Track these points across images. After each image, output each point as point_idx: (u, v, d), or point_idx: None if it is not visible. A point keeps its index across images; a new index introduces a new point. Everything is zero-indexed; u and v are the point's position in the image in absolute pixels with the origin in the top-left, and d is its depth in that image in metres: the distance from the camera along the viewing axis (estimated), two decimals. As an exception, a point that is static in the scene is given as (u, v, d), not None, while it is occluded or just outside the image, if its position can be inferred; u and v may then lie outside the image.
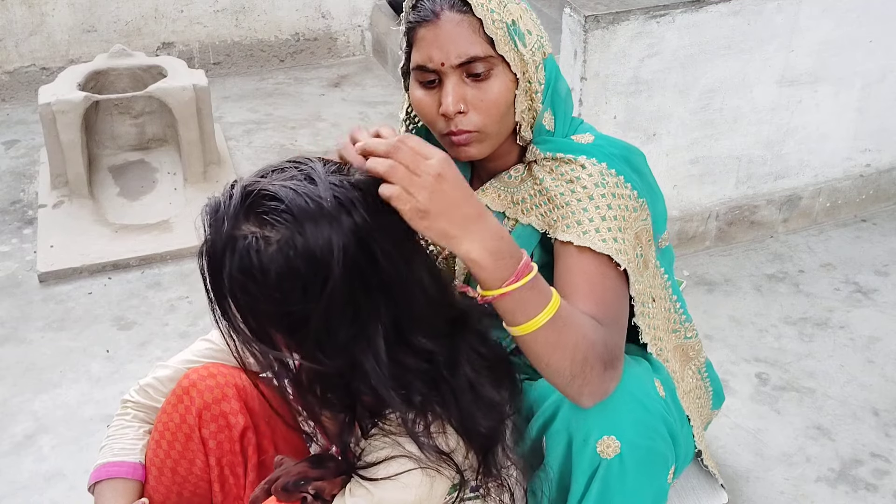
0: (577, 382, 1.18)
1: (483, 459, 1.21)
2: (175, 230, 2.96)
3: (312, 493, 1.21)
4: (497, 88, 1.30)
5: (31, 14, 3.99)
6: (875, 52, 2.78)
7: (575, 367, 1.16)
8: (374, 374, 1.11)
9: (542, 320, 1.13)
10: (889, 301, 2.62)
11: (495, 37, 1.27)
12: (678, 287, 1.58)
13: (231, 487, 1.40)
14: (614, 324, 1.25)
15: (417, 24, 1.30)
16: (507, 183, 1.41)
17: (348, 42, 4.55)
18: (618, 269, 1.29)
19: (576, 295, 1.25)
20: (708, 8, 2.45)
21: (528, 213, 1.37)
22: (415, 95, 1.34)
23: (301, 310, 1.07)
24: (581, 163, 1.33)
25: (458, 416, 1.17)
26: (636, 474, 1.29)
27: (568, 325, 1.16)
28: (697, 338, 1.63)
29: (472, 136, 1.32)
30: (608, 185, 1.31)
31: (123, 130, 3.32)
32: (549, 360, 1.16)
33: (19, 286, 2.73)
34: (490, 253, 1.10)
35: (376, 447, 1.18)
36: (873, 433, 2.13)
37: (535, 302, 1.13)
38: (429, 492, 1.17)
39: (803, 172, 2.90)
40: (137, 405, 1.46)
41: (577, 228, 1.29)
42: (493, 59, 1.28)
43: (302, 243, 1.05)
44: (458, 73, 1.29)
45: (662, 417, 1.33)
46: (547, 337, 1.14)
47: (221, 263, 1.07)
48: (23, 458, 2.08)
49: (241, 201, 1.07)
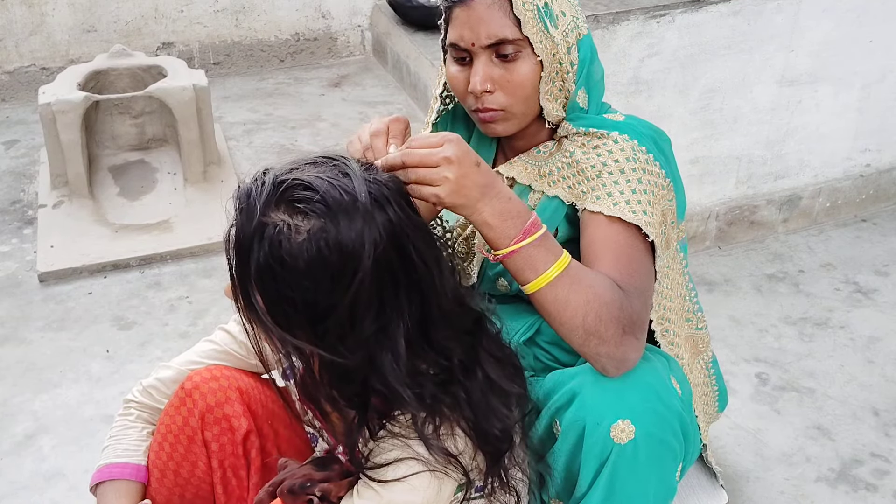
0: (592, 341, 1.21)
1: (493, 461, 1.21)
2: (175, 230, 2.95)
3: (318, 496, 1.21)
4: (524, 70, 1.34)
5: (31, 14, 3.99)
6: (875, 53, 2.78)
7: (588, 325, 1.20)
8: (391, 370, 1.11)
9: (550, 275, 1.19)
10: (889, 301, 2.63)
11: (523, 18, 1.31)
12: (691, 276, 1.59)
13: (234, 490, 1.40)
14: (638, 291, 1.28)
15: (453, 3, 1.36)
16: (535, 157, 1.45)
17: (348, 42, 4.55)
18: (646, 240, 1.33)
19: (601, 261, 1.29)
20: (708, 8, 2.45)
21: (556, 186, 1.41)
22: (449, 71, 1.40)
23: (327, 301, 1.07)
24: (614, 138, 1.37)
25: (472, 417, 1.17)
26: (647, 464, 1.29)
27: (578, 282, 1.21)
28: (707, 330, 1.65)
29: (497, 115, 1.38)
30: (639, 160, 1.35)
31: (123, 130, 3.32)
32: (561, 317, 1.21)
33: (19, 286, 2.73)
34: (499, 213, 1.19)
35: (384, 449, 1.18)
36: (873, 433, 2.14)
37: (543, 259, 1.20)
38: (436, 494, 1.17)
39: (803, 172, 2.90)
40: (141, 405, 1.46)
41: (607, 200, 1.33)
42: (522, 42, 1.33)
43: (334, 234, 1.05)
44: (487, 53, 1.34)
45: (677, 413, 1.34)
46: (557, 293, 1.20)
47: (250, 248, 1.07)
48: (23, 458, 2.08)
49: (274, 189, 1.07)
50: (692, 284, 1.59)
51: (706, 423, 1.63)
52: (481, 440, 1.18)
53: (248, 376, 1.44)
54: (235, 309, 1.13)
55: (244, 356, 1.44)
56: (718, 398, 1.70)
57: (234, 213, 1.09)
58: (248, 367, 1.45)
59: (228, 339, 1.45)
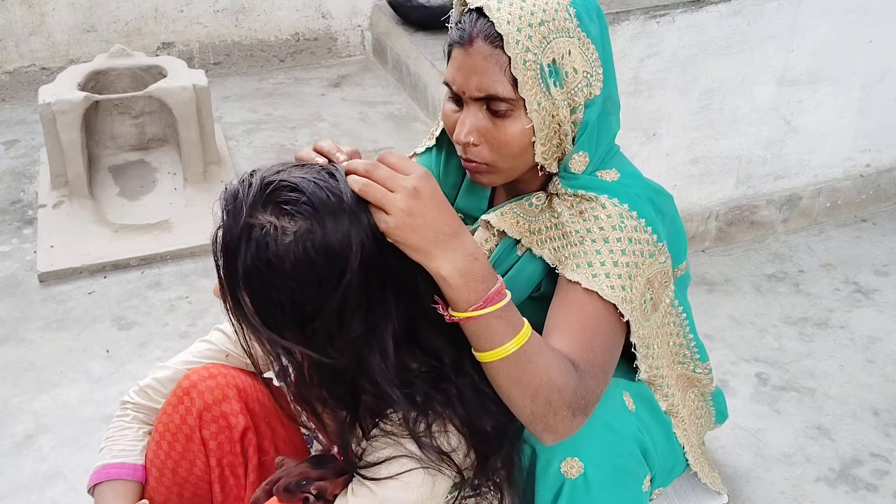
0: (538, 423, 1.16)
1: (483, 459, 1.21)
2: (175, 230, 2.95)
3: (314, 494, 1.21)
4: (512, 130, 1.25)
5: (31, 14, 3.99)
6: (875, 53, 2.78)
7: (537, 408, 1.14)
8: (380, 371, 1.11)
9: (504, 352, 1.12)
10: (889, 301, 2.62)
11: (520, 78, 1.21)
12: (693, 323, 1.53)
13: (231, 488, 1.40)
14: (596, 371, 1.21)
15: (454, 43, 1.26)
16: (527, 210, 1.35)
17: (348, 42, 4.55)
18: (620, 318, 1.26)
19: (564, 333, 1.22)
20: (708, 8, 2.45)
21: (542, 245, 1.33)
22: (444, 107, 1.32)
23: (315, 302, 1.07)
24: (602, 202, 1.28)
25: (463, 414, 1.17)
26: (602, 491, 1.28)
27: (533, 363, 1.14)
28: (709, 375, 1.58)
29: (481, 167, 1.30)
30: (626, 228, 1.27)
31: (123, 130, 3.32)
32: (509, 394, 1.15)
33: (19, 286, 2.73)
34: (461, 273, 1.10)
35: (377, 447, 1.18)
36: (873, 433, 2.13)
37: (501, 332, 1.12)
38: (431, 491, 1.18)
39: (803, 172, 2.90)
40: (137, 406, 1.46)
41: (587, 270, 1.25)
42: (515, 101, 1.23)
43: (321, 236, 1.05)
44: (478, 104, 1.25)
45: (632, 434, 1.32)
46: (508, 371, 1.13)
47: (237, 250, 1.07)
48: (23, 458, 2.08)
49: (261, 190, 1.07)
50: (693, 335, 1.52)
51: (698, 443, 1.61)
52: (474, 438, 1.18)
53: (245, 375, 1.44)
54: (224, 310, 1.13)
55: (240, 355, 1.44)
56: (715, 416, 1.68)
57: (220, 214, 1.09)
58: (245, 367, 1.45)
59: (224, 339, 1.46)
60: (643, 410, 1.40)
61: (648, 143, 2.58)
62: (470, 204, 1.47)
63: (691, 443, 1.55)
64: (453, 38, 1.27)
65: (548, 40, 1.22)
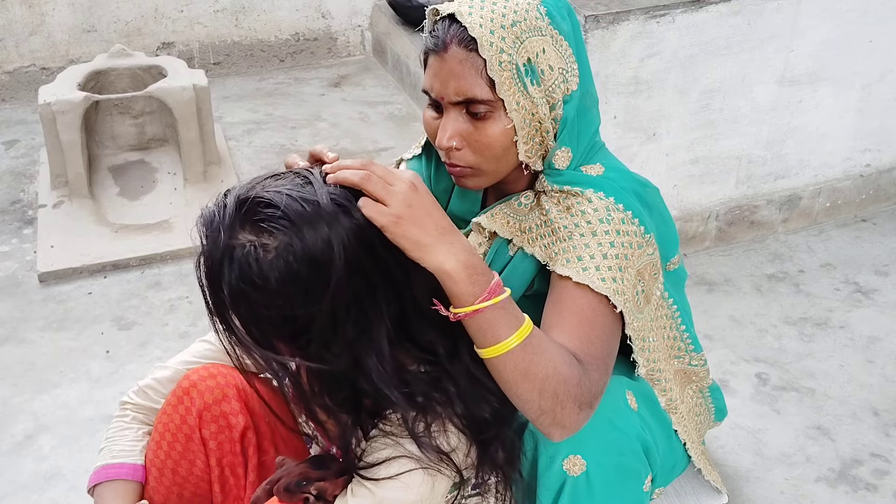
0: (546, 418, 1.16)
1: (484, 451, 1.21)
2: (175, 230, 2.95)
3: (314, 494, 1.21)
4: (494, 131, 1.26)
5: (31, 14, 3.99)
6: (875, 53, 2.78)
7: (545, 402, 1.14)
8: (377, 372, 1.11)
9: (511, 344, 1.12)
10: (889, 301, 2.62)
11: (497, 79, 1.22)
12: (690, 316, 1.54)
13: (231, 488, 1.40)
14: (598, 363, 1.22)
15: (429, 50, 1.28)
16: (517, 210, 1.37)
17: (348, 42, 4.55)
18: (613, 309, 1.26)
19: (562, 328, 1.23)
20: (708, 8, 2.45)
21: (533, 243, 1.34)
22: (425, 115, 1.33)
23: (304, 314, 1.07)
24: (588, 196, 1.30)
25: (461, 406, 1.17)
26: (604, 490, 1.29)
27: (539, 354, 1.14)
28: (705, 366, 1.60)
29: (466, 171, 1.31)
30: (613, 220, 1.28)
31: (123, 130, 3.32)
32: (517, 389, 1.14)
33: (19, 286, 2.73)
34: (464, 266, 1.10)
35: (377, 448, 1.18)
36: (873, 433, 2.13)
37: (505, 324, 1.12)
38: (430, 491, 1.18)
39: (803, 172, 2.90)
40: (136, 406, 1.46)
41: (577, 264, 1.26)
42: (494, 103, 1.24)
43: (301, 247, 1.05)
44: (457, 108, 1.27)
45: (635, 433, 1.33)
46: (516, 363, 1.13)
47: (220, 274, 1.07)
48: (23, 458, 2.08)
49: (236, 210, 1.07)
50: (686, 326, 1.52)
51: (699, 441, 1.62)
52: (474, 431, 1.18)
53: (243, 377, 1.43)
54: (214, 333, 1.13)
55: None
56: (715, 413, 1.69)
57: (200, 239, 1.09)
58: (244, 367, 1.45)
59: None
60: (645, 409, 1.41)
61: (648, 143, 2.58)
62: (462, 207, 1.48)
63: (692, 440, 1.55)
64: (428, 45, 1.28)
65: (521, 40, 1.24)
